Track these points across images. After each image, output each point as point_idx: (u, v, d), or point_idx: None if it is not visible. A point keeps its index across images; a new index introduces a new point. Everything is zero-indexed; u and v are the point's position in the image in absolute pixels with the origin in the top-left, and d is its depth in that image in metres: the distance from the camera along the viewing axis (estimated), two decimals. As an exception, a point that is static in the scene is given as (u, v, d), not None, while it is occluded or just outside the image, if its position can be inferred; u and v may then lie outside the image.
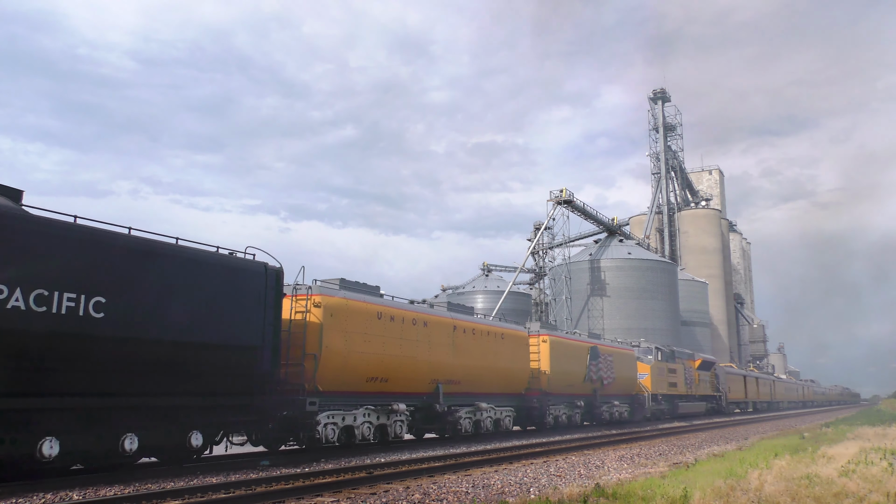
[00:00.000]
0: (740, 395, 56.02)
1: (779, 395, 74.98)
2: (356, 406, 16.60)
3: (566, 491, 9.98)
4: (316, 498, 9.84)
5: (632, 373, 33.91)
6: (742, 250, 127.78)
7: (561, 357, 26.75)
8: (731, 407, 52.87)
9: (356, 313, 16.61)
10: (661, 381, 36.68)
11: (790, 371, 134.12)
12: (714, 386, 47.14)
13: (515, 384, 24.06)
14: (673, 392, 38.16)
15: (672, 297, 68.26)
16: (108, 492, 10.06)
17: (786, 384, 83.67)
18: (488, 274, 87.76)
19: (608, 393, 30.84)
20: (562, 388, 26.73)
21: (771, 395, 70.11)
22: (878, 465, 13.17)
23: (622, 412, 32.19)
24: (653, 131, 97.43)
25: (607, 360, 30.48)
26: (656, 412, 36.27)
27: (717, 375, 48.05)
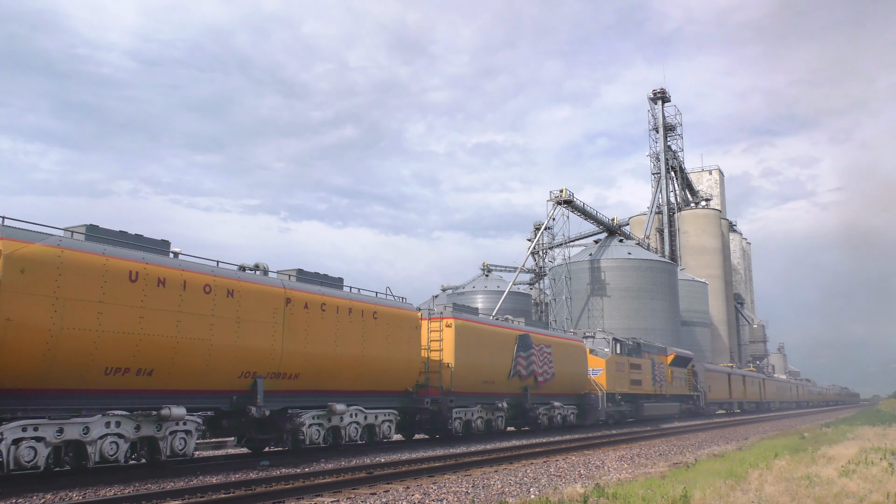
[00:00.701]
0: (723, 394, 51.43)
1: (769, 395, 70.36)
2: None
3: (566, 491, 9.98)
4: (316, 498, 9.84)
5: (580, 368, 28.30)
6: (742, 250, 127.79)
7: (472, 346, 20.95)
8: (713, 408, 48.75)
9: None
10: (621, 379, 31.33)
11: (790, 371, 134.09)
12: (691, 384, 42.24)
13: (397, 379, 18.40)
14: (637, 391, 32.88)
15: (672, 297, 68.24)
16: (108, 492, 10.06)
17: (777, 383, 78.88)
18: (488, 274, 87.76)
19: (546, 392, 25.50)
20: (475, 386, 21.29)
21: (760, 395, 65.36)
22: (878, 465, 13.17)
23: (567, 415, 27.15)
24: (653, 131, 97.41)
25: (543, 351, 25.00)
26: (614, 414, 31.02)
27: (696, 373, 43.30)
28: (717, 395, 49.21)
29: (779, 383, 79.46)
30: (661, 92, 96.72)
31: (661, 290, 66.35)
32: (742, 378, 58.96)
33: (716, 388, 48.78)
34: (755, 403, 63.42)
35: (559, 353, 26.38)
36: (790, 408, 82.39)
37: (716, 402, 49.14)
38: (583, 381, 28.63)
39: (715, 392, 48.40)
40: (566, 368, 26.88)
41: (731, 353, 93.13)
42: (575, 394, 28.22)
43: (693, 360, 42.99)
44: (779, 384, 78.93)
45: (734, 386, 55.06)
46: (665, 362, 37.70)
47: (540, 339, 25.23)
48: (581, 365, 28.45)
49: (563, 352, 26.95)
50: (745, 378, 59.40)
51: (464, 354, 20.43)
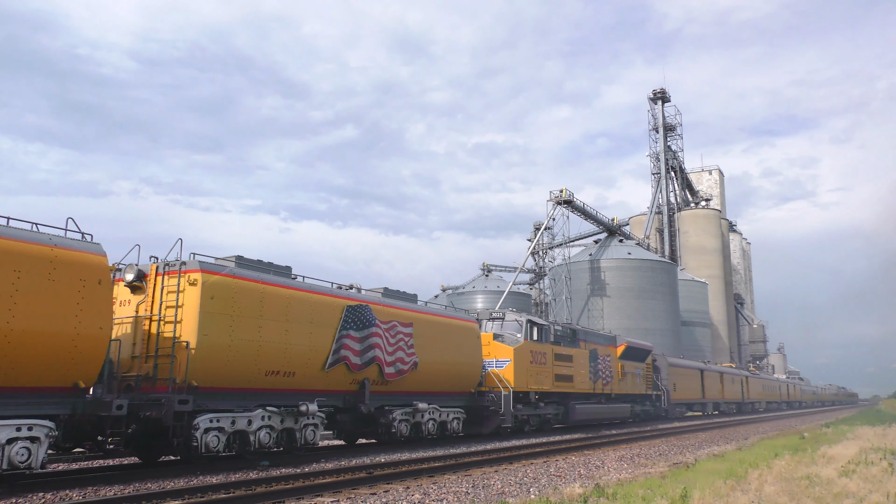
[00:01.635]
0: (694, 393, 44.39)
1: (754, 395, 62.95)
2: None
3: (566, 491, 9.98)
4: (316, 498, 9.84)
5: (469, 357, 20.91)
6: (742, 250, 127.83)
7: (241, 317, 13.73)
8: (680, 410, 41.73)
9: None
10: (540, 373, 24.19)
11: (790, 371, 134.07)
12: (650, 382, 35.61)
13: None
14: (567, 389, 26.05)
15: (672, 297, 68.27)
16: (108, 492, 10.06)
17: (764, 382, 70.61)
18: (488, 274, 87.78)
19: (405, 389, 18.37)
20: (248, 379, 13.92)
21: (743, 394, 58.39)
22: (878, 465, 13.18)
23: (449, 421, 19.83)
24: (653, 131, 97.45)
25: (399, 333, 17.97)
26: (529, 419, 24.09)
27: (658, 368, 37.24)
28: (685, 394, 41.96)
29: (766, 382, 71.46)
30: (661, 92, 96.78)
31: (661, 290, 66.39)
32: (719, 375, 51.86)
33: (684, 387, 41.54)
34: (736, 404, 56.44)
35: (428, 336, 18.91)
36: (779, 409, 76.05)
37: (683, 402, 42.18)
38: (473, 376, 21.19)
39: (683, 391, 41.18)
40: (442, 357, 19.56)
41: (731, 353, 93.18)
42: (461, 392, 20.88)
43: (653, 352, 36.98)
44: (766, 383, 71.02)
45: (709, 384, 48.02)
46: (613, 354, 31.30)
47: (392, 313, 17.82)
48: (470, 353, 20.92)
49: (436, 334, 19.36)
50: (722, 375, 52.34)
51: (220, 329, 13.25)
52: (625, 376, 32.26)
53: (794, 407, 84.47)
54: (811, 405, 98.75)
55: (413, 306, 19.45)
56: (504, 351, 22.85)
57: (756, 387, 63.94)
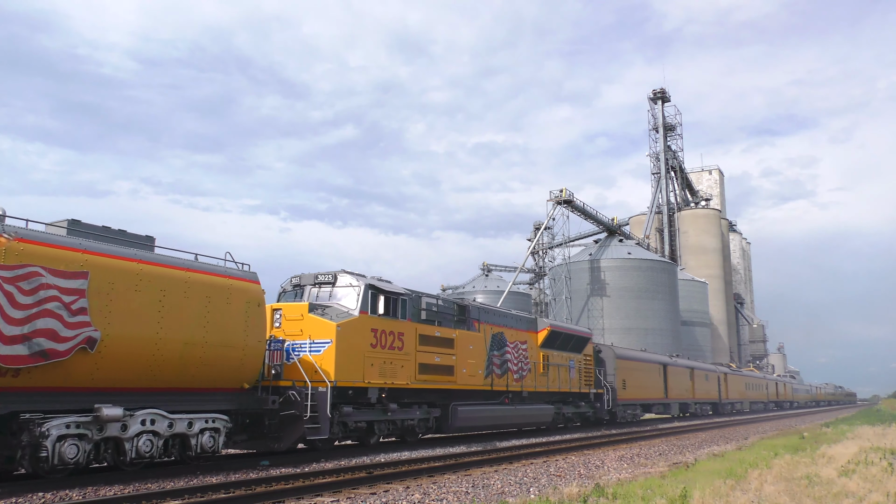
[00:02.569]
0: (653, 392, 36.70)
1: (734, 394, 55.17)
2: None
3: (566, 491, 9.99)
4: (316, 498, 9.84)
5: (237, 335, 13.42)
6: (742, 250, 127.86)
7: None
8: (633, 411, 33.69)
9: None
10: (390, 362, 17.09)
11: (790, 371, 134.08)
12: (590, 377, 28.92)
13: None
14: (440, 384, 18.91)
15: (672, 297, 68.29)
16: (108, 492, 10.06)
17: (747, 379, 62.04)
18: (488, 274, 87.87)
19: (80, 384, 11.01)
20: None
21: (720, 393, 50.69)
22: (878, 465, 13.18)
23: (193, 434, 12.41)
24: (653, 131, 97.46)
25: (48, 287, 10.46)
26: (372, 426, 16.97)
27: (603, 360, 30.90)
28: (639, 392, 34.40)
29: (750, 380, 63.14)
30: (660, 92, 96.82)
31: (661, 290, 66.42)
32: (689, 371, 43.68)
33: (638, 384, 34.14)
34: (711, 405, 48.82)
35: (129, 296, 11.51)
36: (767, 410, 68.14)
37: (637, 402, 34.31)
38: (244, 364, 13.65)
39: (636, 389, 33.82)
40: (167, 332, 12.04)
41: (730, 353, 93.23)
42: (223, 388, 13.50)
43: (591, 339, 30.17)
44: (750, 381, 62.86)
45: (675, 381, 39.95)
46: (532, 342, 24.49)
47: (30, 254, 10.40)
48: (236, 328, 13.37)
49: (153, 293, 11.89)
50: (693, 371, 44.44)
51: None
52: (548, 370, 25.24)
53: (784, 408, 77.82)
54: (805, 405, 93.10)
55: (100, 247, 11.43)
56: (323, 329, 15.60)
57: (737, 385, 56.94)
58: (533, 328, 25.21)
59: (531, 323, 25.42)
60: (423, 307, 18.86)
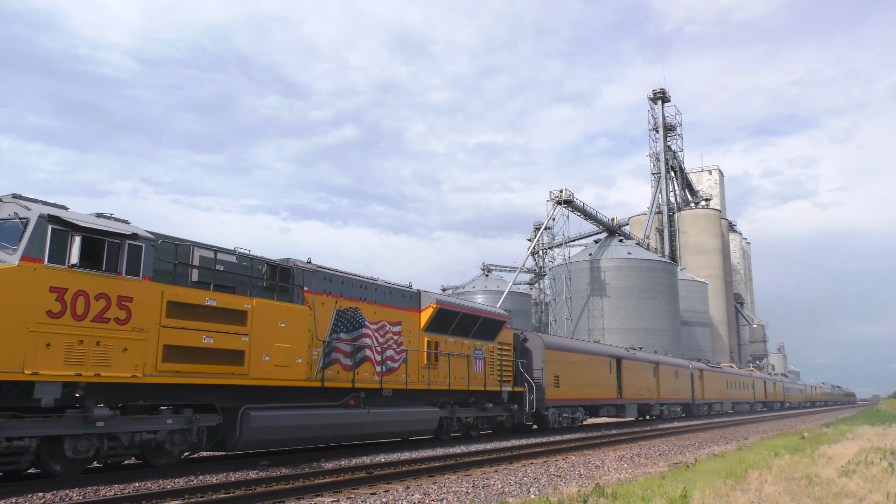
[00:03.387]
0: (600, 391, 29.93)
1: (711, 394, 48.10)
2: None
3: (566, 491, 9.99)
4: (316, 498, 9.84)
5: None
6: (742, 250, 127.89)
7: None
8: (571, 414, 27.19)
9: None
10: (91, 343, 10.77)
11: (790, 371, 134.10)
12: (507, 372, 22.98)
13: None
14: (222, 378, 12.93)
15: (672, 297, 68.31)
16: (107, 492, 10.06)
17: (729, 377, 54.81)
18: (488, 274, 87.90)
19: None
20: None
21: (694, 392, 43.45)
22: (878, 465, 13.17)
23: None
24: (653, 131, 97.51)
25: None
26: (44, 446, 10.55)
27: (529, 352, 25.14)
28: (581, 391, 28.09)
29: (731, 377, 55.50)
30: (660, 92, 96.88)
31: (661, 290, 66.45)
32: (652, 367, 36.73)
33: (579, 381, 27.97)
34: (682, 406, 41.88)
35: None
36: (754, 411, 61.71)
37: (578, 403, 27.81)
38: None
39: (575, 387, 27.48)
40: None
41: (731, 353, 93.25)
42: None
43: (508, 323, 23.56)
44: (731, 378, 55.27)
45: (632, 378, 33.54)
46: (410, 322, 18.74)
47: None
48: None
49: None
50: (658, 367, 37.54)
51: None
52: (436, 361, 19.29)
53: (774, 409, 71.55)
54: (799, 406, 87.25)
55: None
56: None
57: (716, 383, 49.93)
58: (414, 305, 19.01)
59: (411, 298, 18.98)
60: (189, 262, 13.02)
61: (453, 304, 20.55)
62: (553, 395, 25.75)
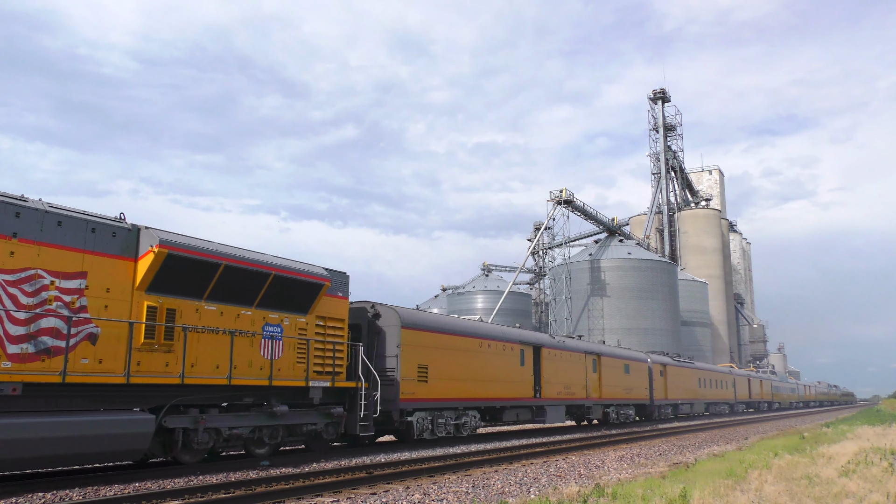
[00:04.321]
0: (506, 389, 22.63)
1: (678, 392, 39.85)
2: None
3: (566, 491, 9.99)
4: (316, 498, 9.85)
5: None
6: (742, 250, 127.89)
7: None
8: (447, 420, 19.79)
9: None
10: None
11: (790, 371, 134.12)
12: (327, 359, 15.64)
13: None
14: None
15: (672, 297, 68.32)
16: (107, 491, 10.06)
17: (701, 373, 45.89)
18: (488, 274, 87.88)
19: None
20: None
21: (653, 391, 35.42)
22: (878, 465, 13.18)
23: None
24: (653, 131, 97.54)
25: None
26: None
27: (381, 332, 18.31)
28: (468, 389, 20.71)
29: (705, 374, 46.92)
30: (661, 92, 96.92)
31: (661, 290, 66.47)
32: (592, 359, 29.20)
33: (465, 374, 20.61)
34: (636, 406, 34.24)
35: None
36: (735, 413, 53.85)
37: (461, 405, 20.53)
38: None
39: (458, 383, 20.30)
40: None
41: (731, 353, 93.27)
42: None
43: (327, 284, 15.48)
44: (704, 375, 46.64)
45: (558, 372, 26.17)
46: (118, 275, 11.63)
47: None
48: None
49: None
50: (600, 359, 30.01)
51: None
52: (170, 339, 12.19)
53: (761, 410, 64.41)
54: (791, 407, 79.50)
55: None
56: None
57: (683, 381, 41.23)
58: (122, 249, 11.70)
59: (113, 237, 11.67)
60: None
61: (205, 252, 12.66)
62: (417, 393, 18.45)
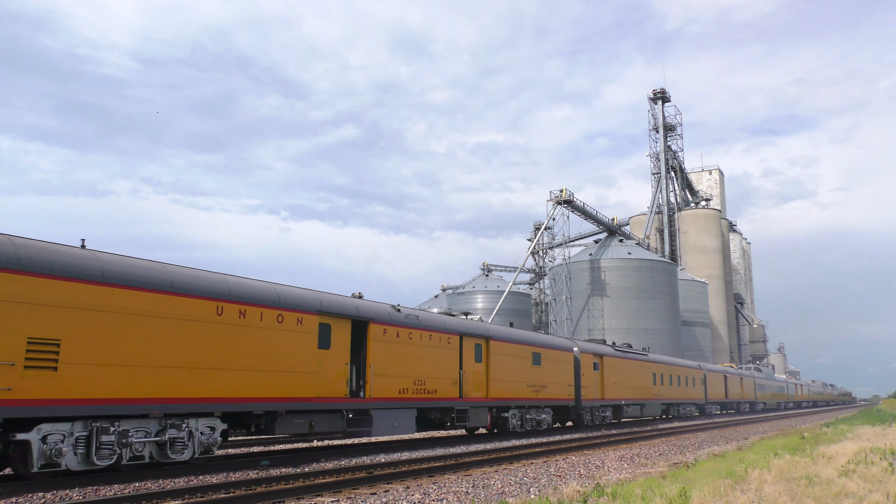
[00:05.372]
0: (304, 383, 14.39)
1: (619, 392, 31.19)
2: None
3: (566, 491, 9.99)
4: (316, 498, 9.85)
5: None
6: (742, 250, 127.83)
7: None
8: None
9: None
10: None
11: (790, 371, 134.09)
12: None
13: None
14: None
15: (672, 297, 68.30)
16: (107, 492, 10.06)
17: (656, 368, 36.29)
18: (488, 274, 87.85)
19: None
20: None
21: (580, 389, 27.56)
22: (878, 465, 13.17)
23: None
24: (653, 131, 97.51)
25: None
26: None
27: None
28: (210, 383, 12.56)
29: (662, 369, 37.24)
30: (661, 92, 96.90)
31: (661, 290, 66.45)
32: (476, 343, 21.02)
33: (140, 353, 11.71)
34: (556, 408, 26.42)
35: None
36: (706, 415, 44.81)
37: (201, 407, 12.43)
38: None
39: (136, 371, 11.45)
40: None
41: (731, 353, 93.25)
42: None
43: None
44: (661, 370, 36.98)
45: (415, 358, 18.01)
46: None
47: None
48: None
49: None
50: (487, 343, 21.65)
51: None
52: None
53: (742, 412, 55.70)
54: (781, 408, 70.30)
55: None
56: None
57: (628, 376, 32.37)
58: None
59: None
60: None
61: None
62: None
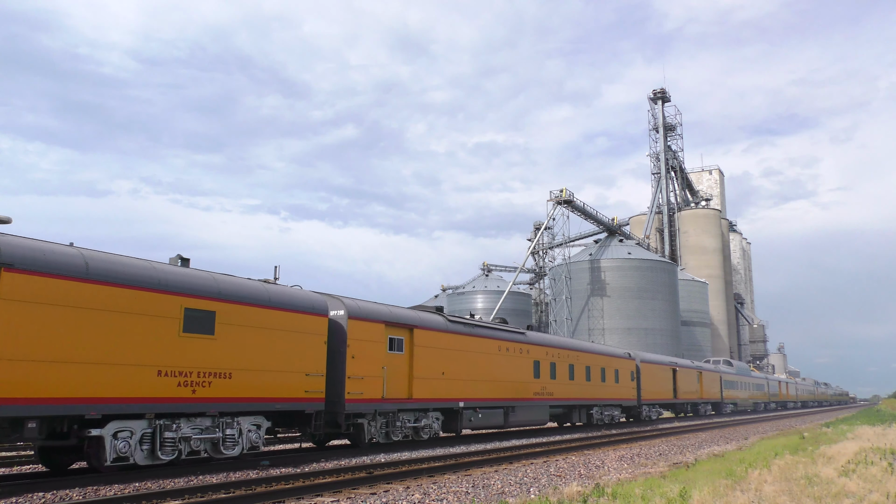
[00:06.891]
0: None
1: (480, 391, 20.66)
2: None
3: (566, 491, 9.99)
4: (316, 498, 9.85)
5: None
6: (742, 250, 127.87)
7: None
8: None
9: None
10: None
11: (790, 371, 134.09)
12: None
13: None
14: None
15: (672, 297, 68.30)
16: (108, 491, 10.07)
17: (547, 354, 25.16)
18: (488, 274, 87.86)
19: None
20: None
21: (386, 385, 16.83)
22: (877, 465, 13.18)
23: None
24: (653, 131, 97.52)
25: None
26: None
27: None
28: None
29: (575, 355, 27.68)
30: (661, 92, 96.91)
31: (661, 290, 66.45)
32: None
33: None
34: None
35: None
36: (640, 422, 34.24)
37: None
38: None
39: None
40: None
41: (731, 353, 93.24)
42: None
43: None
44: (555, 357, 25.85)
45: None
46: None
47: None
48: None
49: None
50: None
51: None
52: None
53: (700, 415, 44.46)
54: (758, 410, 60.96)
55: None
56: None
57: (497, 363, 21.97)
58: None
59: None
60: None
61: None
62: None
